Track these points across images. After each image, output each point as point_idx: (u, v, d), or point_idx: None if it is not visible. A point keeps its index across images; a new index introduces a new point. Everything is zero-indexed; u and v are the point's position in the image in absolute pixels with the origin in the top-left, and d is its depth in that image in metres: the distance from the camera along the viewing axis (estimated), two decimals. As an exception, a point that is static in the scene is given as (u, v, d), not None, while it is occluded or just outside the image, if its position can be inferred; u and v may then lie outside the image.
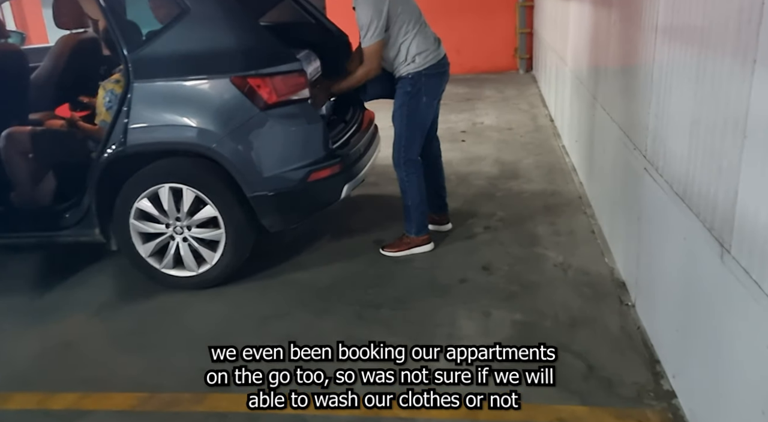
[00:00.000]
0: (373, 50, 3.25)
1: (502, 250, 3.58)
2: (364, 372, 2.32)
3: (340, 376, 2.33)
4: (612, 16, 3.50)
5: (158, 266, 3.18)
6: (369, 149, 3.76)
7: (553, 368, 2.31)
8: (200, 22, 2.95)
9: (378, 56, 3.28)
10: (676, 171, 2.24)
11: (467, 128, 6.53)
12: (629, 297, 2.93)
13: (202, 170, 3.06)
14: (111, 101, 3.20)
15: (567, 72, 5.46)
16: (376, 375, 2.31)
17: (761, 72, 1.55)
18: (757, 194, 1.57)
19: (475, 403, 2.22)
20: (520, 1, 9.65)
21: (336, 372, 2.34)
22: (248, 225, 3.16)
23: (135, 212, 3.08)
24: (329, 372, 2.34)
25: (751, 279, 1.58)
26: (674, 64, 2.28)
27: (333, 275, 3.41)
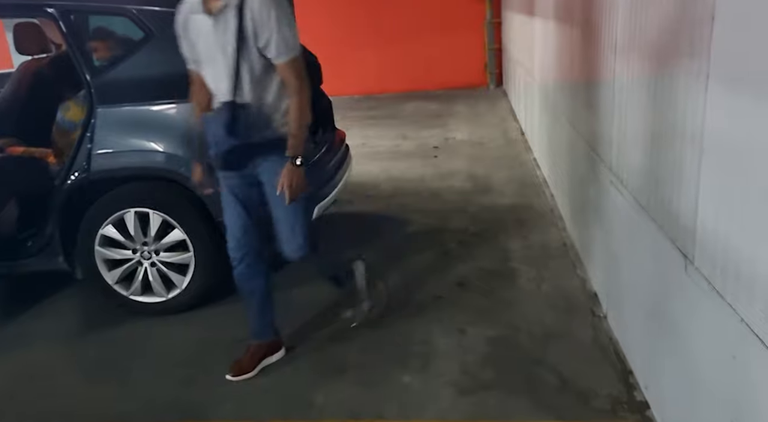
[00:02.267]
0: (301, 62, 2.35)
1: (475, 266, 3.59)
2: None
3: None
4: (574, 33, 3.58)
5: (126, 293, 3.12)
6: (340, 169, 3.74)
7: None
8: (165, 45, 2.91)
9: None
10: (639, 184, 2.27)
11: (439, 143, 6.58)
12: (601, 309, 2.96)
13: (169, 193, 3.02)
14: (62, 127, 3.18)
15: (535, 87, 5.55)
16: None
17: (714, 87, 1.59)
18: (717, 205, 1.60)
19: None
20: (488, 18, 9.83)
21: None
22: (218, 247, 3.11)
23: (100, 238, 3.02)
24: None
25: (714, 290, 1.60)
26: (634, 79, 2.33)
27: (307, 295, 3.37)
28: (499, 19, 9.71)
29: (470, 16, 9.87)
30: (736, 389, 1.53)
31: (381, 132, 7.36)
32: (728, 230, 1.53)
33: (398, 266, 3.64)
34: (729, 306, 1.51)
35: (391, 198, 4.89)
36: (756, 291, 1.39)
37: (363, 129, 7.53)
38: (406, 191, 5.01)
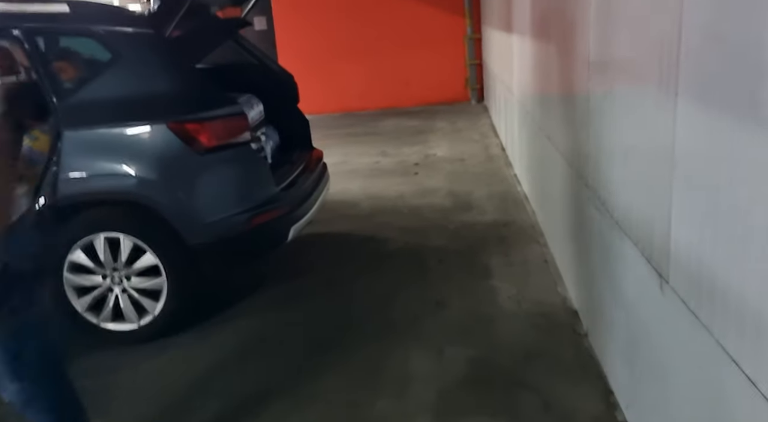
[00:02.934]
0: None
1: (455, 284, 3.54)
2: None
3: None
4: (550, 49, 3.58)
5: (96, 320, 3.02)
6: (317, 188, 3.70)
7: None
8: (133, 66, 2.88)
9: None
10: (615, 200, 2.25)
11: (420, 160, 6.56)
12: (582, 327, 2.92)
13: (139, 217, 2.95)
14: (29, 159, 3.11)
15: (514, 102, 5.57)
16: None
17: (683, 104, 1.57)
18: (689, 224, 1.57)
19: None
20: (468, 33, 9.90)
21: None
22: (192, 271, 3.04)
23: (68, 265, 2.93)
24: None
25: (690, 311, 1.57)
26: (607, 96, 2.32)
27: (283, 319, 3.30)
28: (479, 34, 9.78)
29: (450, 32, 9.93)
30: (714, 412, 1.49)
31: (361, 149, 7.33)
32: (701, 250, 1.50)
33: (377, 286, 3.59)
34: (704, 328, 1.48)
35: (370, 216, 4.84)
36: (730, 314, 1.35)
37: (343, 146, 7.50)
38: (386, 209, 4.97)
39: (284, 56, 10.16)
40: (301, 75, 4.04)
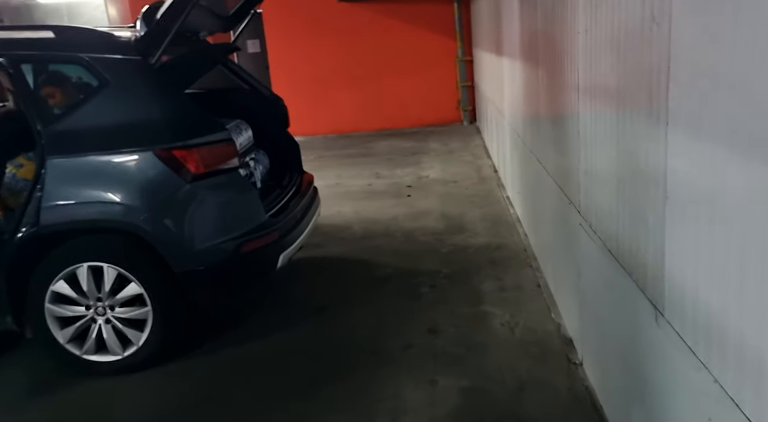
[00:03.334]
0: None
1: (448, 310, 3.48)
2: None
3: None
4: (539, 73, 3.58)
5: (79, 352, 2.94)
6: (308, 213, 3.66)
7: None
8: (120, 94, 2.84)
9: None
10: (607, 228, 2.21)
11: (413, 182, 6.54)
12: (576, 355, 2.86)
13: (124, 246, 2.89)
14: (12, 186, 3.08)
15: (505, 124, 5.57)
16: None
17: (674, 133, 1.54)
18: (683, 256, 1.54)
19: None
20: (459, 55, 9.96)
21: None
22: (178, 301, 2.98)
23: (50, 295, 2.86)
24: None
25: (686, 346, 1.52)
26: (597, 122, 2.29)
27: (273, 348, 3.23)
28: (470, 56, 9.85)
29: (442, 54, 9.99)
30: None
31: (355, 171, 7.31)
32: (696, 283, 1.46)
33: (369, 313, 3.53)
34: (702, 365, 1.43)
35: (363, 240, 4.79)
36: (728, 351, 1.31)
37: (337, 168, 7.48)
38: (378, 233, 4.93)
39: (277, 78, 10.20)
40: (294, 97, 4.02)
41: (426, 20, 9.86)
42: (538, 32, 3.59)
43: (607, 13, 2.04)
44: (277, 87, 10.13)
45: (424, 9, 9.82)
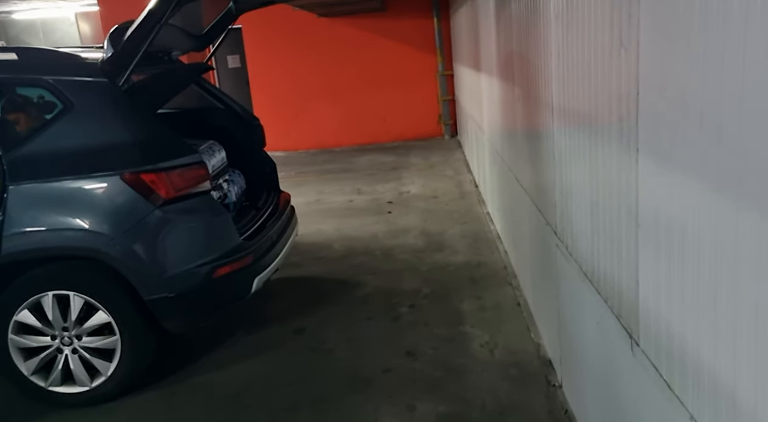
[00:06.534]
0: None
1: (427, 331, 3.43)
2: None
3: None
4: (516, 91, 3.57)
5: (44, 384, 2.84)
6: (284, 234, 3.60)
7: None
8: (86, 117, 2.77)
9: None
10: (582, 252, 2.18)
11: (393, 198, 6.50)
12: (556, 377, 2.82)
13: (90, 273, 2.81)
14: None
15: (485, 140, 5.56)
16: None
17: (644, 161, 1.51)
18: (657, 287, 1.50)
19: None
20: (440, 70, 9.99)
21: None
22: (148, 329, 2.89)
23: (14, 325, 2.76)
24: None
25: (662, 379, 1.48)
26: (571, 143, 2.27)
27: (249, 374, 3.15)
28: (450, 71, 9.88)
29: (423, 68, 10.01)
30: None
31: (336, 187, 7.26)
32: (669, 314, 1.43)
33: (347, 336, 3.46)
34: (677, 399, 1.40)
35: (343, 259, 4.73)
36: (704, 386, 1.27)
37: (318, 184, 7.43)
38: (358, 251, 4.87)
39: (258, 94, 10.15)
40: (275, 112, 3.97)
41: (406, 35, 9.89)
42: (513, 51, 3.58)
43: (578, 36, 2.02)
44: (257, 102, 10.09)
45: (404, 24, 9.85)
